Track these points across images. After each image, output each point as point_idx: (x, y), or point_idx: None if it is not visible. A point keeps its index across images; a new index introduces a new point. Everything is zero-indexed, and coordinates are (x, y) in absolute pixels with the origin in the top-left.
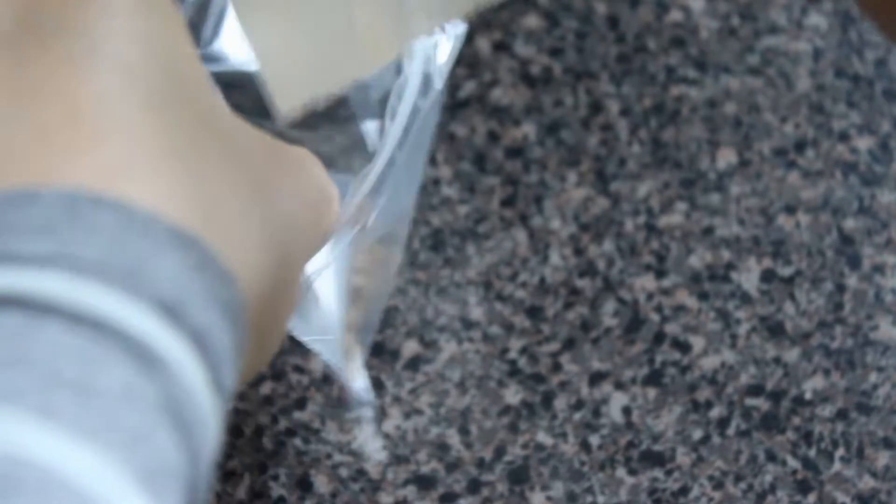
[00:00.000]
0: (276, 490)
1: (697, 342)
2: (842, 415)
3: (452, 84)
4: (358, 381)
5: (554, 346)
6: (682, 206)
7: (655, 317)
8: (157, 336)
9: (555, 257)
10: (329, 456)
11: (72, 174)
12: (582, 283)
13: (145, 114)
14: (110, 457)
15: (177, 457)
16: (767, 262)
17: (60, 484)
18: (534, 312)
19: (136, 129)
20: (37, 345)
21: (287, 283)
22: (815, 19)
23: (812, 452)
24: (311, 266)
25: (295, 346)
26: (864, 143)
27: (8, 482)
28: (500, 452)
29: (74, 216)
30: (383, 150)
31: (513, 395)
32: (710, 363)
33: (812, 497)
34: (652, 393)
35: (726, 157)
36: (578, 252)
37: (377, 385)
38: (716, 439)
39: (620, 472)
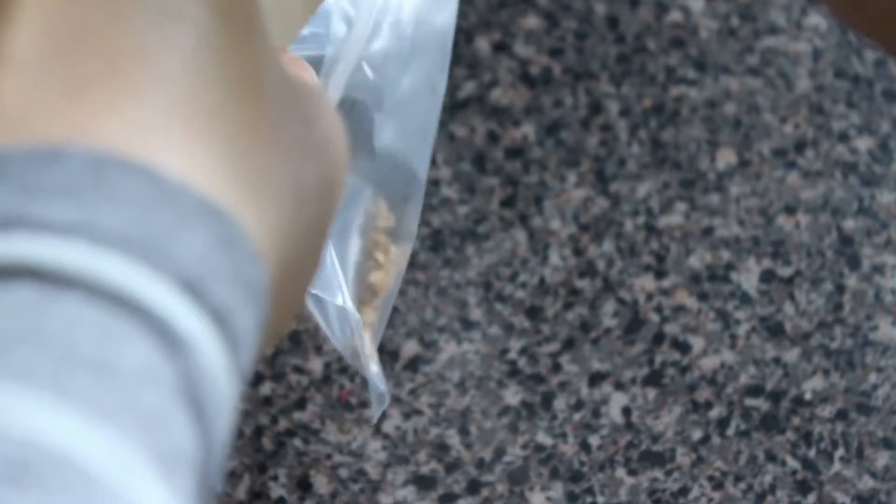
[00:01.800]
0: (276, 490)
1: (697, 342)
2: (841, 415)
3: (452, 84)
4: (373, 368)
5: (554, 347)
6: (681, 206)
7: (655, 317)
8: (178, 314)
9: (554, 258)
10: (329, 456)
11: (100, 133)
12: (582, 283)
13: (188, 69)
14: (125, 440)
15: (192, 441)
16: (767, 263)
17: (74, 468)
18: (533, 313)
19: (176, 87)
20: (53, 319)
21: (312, 249)
22: (815, 19)
23: (812, 453)
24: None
25: (295, 346)
26: (863, 143)
27: (21, 467)
28: (499, 453)
29: (99, 181)
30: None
31: (512, 395)
32: (709, 363)
33: (812, 497)
34: (652, 393)
35: (726, 157)
36: (578, 252)
37: None
38: (715, 439)
39: (620, 472)
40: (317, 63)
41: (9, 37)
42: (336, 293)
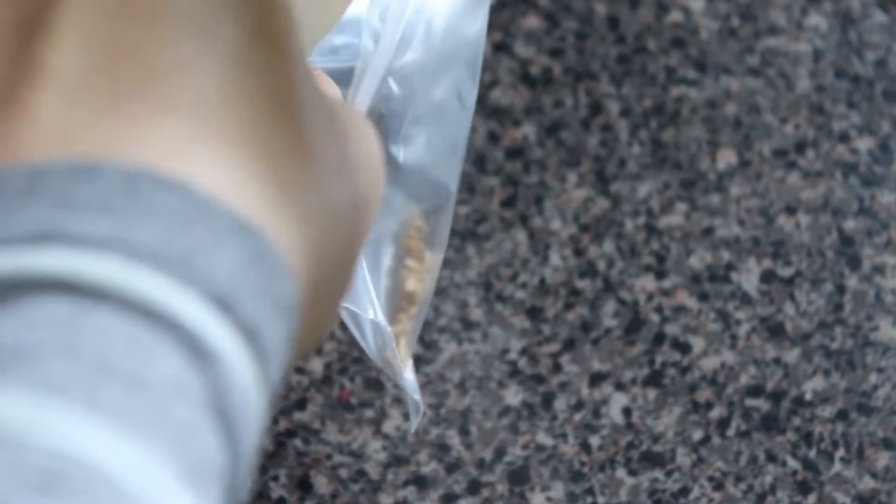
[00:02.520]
0: (276, 490)
1: (697, 343)
2: (842, 415)
3: None
4: (408, 377)
5: (554, 347)
6: (682, 206)
7: (655, 317)
8: (209, 329)
9: (555, 258)
10: (329, 456)
11: (136, 148)
12: (582, 283)
13: (223, 84)
14: (156, 453)
15: (220, 454)
16: (767, 263)
17: (105, 480)
18: (534, 313)
19: (211, 104)
20: (87, 332)
21: (344, 265)
22: (815, 20)
23: (812, 453)
24: None
25: None
26: (864, 143)
27: (53, 478)
28: (500, 453)
29: (134, 196)
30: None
31: (513, 395)
32: (710, 364)
33: (812, 498)
34: (652, 393)
35: (726, 157)
36: (578, 253)
37: (377, 385)
38: (716, 440)
39: (620, 472)
40: (347, 75)
41: (49, 49)
42: (367, 307)
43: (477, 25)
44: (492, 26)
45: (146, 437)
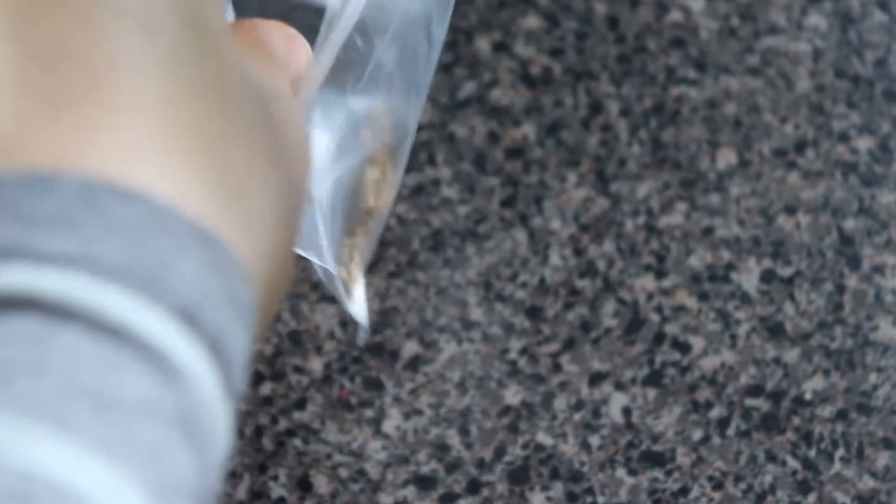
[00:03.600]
0: (276, 490)
1: (697, 342)
2: (842, 415)
3: (452, 84)
4: (357, 304)
5: (554, 347)
6: (682, 206)
7: (655, 317)
8: (175, 345)
9: (555, 258)
10: (329, 456)
11: (89, 158)
12: (582, 283)
13: (165, 82)
14: (125, 473)
15: (188, 471)
16: (767, 263)
17: (74, 500)
18: (534, 313)
19: (155, 102)
20: (55, 352)
21: (287, 253)
22: (815, 19)
23: (812, 453)
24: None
25: (295, 346)
26: (864, 143)
27: (22, 498)
28: (500, 453)
29: (94, 209)
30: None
31: (513, 395)
32: (709, 363)
33: (812, 497)
34: (652, 393)
35: (726, 157)
36: (578, 252)
37: (377, 385)
38: (716, 440)
39: (620, 472)
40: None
41: None
42: (320, 254)
43: None
44: (492, 26)
45: (115, 458)
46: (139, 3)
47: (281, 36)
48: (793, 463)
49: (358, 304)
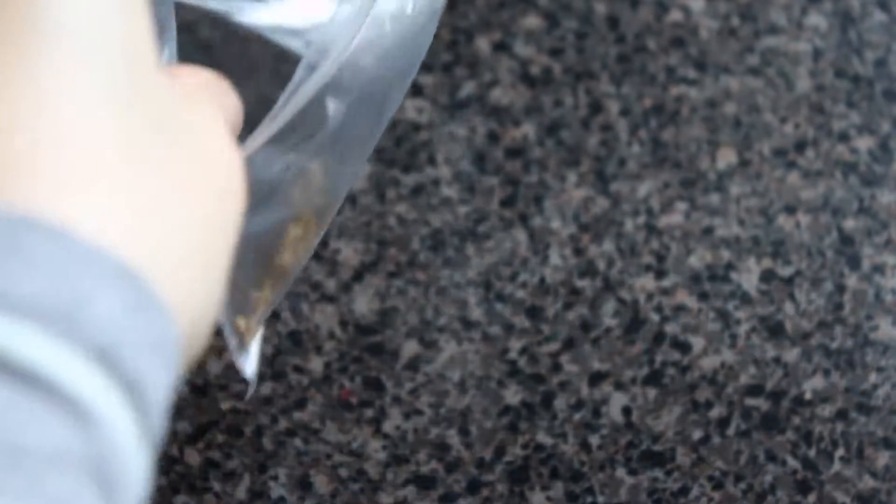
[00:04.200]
0: (276, 490)
1: (697, 342)
2: (842, 415)
3: (452, 84)
4: (249, 359)
5: (554, 347)
6: (682, 206)
7: (655, 317)
8: (90, 390)
9: (555, 257)
10: (329, 456)
11: (11, 191)
12: (582, 283)
13: (95, 118)
14: None
15: None
16: (767, 262)
17: None
18: (534, 312)
19: (83, 138)
20: None
21: (215, 292)
22: (815, 19)
23: (812, 452)
24: None
25: (295, 346)
26: (864, 143)
27: None
28: (500, 452)
29: (12, 244)
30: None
31: (513, 395)
32: (709, 363)
33: (812, 497)
34: (652, 393)
35: (726, 157)
36: (578, 252)
37: (377, 385)
38: (716, 439)
39: (620, 472)
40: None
41: None
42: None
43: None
44: (492, 26)
45: None
46: (82, 27)
47: (216, 85)
48: (793, 463)
49: (251, 359)
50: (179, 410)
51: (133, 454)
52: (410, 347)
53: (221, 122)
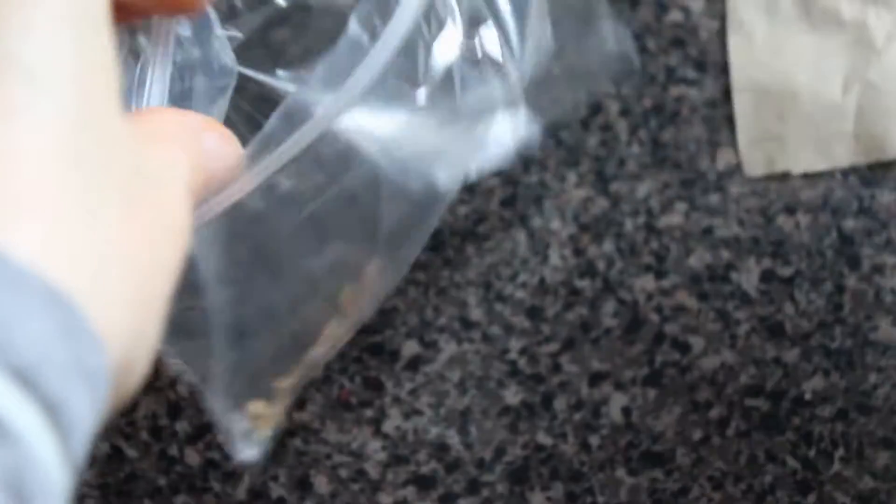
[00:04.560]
0: (276, 490)
1: (697, 342)
2: (842, 415)
3: None
4: (251, 444)
5: (554, 347)
6: (681, 206)
7: (655, 317)
8: (9, 407)
9: (555, 258)
10: (329, 456)
11: None
12: (582, 283)
13: (38, 152)
14: None
15: None
16: (767, 263)
17: None
18: (534, 313)
19: (24, 170)
20: None
21: (151, 333)
22: None
23: (812, 453)
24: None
25: None
26: None
27: None
28: (499, 453)
29: None
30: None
31: (513, 395)
32: (709, 363)
33: (812, 497)
34: (652, 393)
35: (726, 157)
36: (578, 252)
37: (377, 385)
38: (716, 440)
39: (620, 472)
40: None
41: None
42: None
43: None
44: None
45: None
46: (41, 60)
47: (212, 132)
48: (793, 463)
49: (255, 443)
50: (179, 410)
51: (53, 473)
52: (410, 347)
53: (179, 167)
